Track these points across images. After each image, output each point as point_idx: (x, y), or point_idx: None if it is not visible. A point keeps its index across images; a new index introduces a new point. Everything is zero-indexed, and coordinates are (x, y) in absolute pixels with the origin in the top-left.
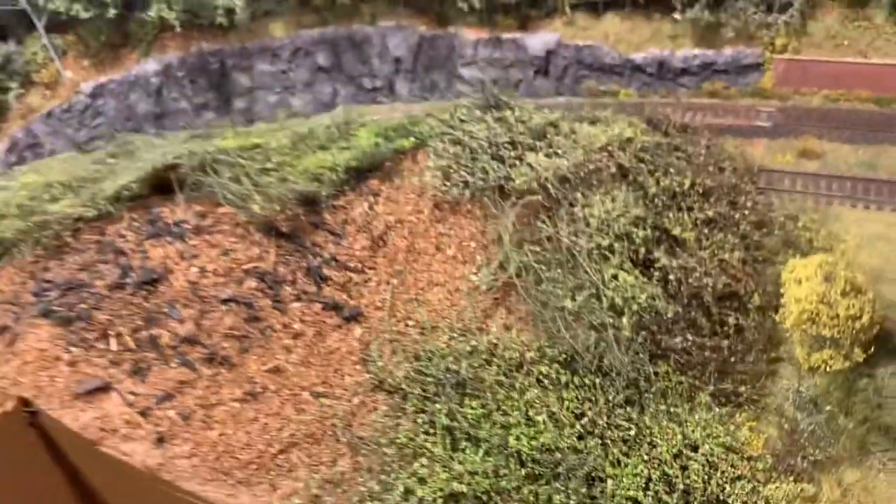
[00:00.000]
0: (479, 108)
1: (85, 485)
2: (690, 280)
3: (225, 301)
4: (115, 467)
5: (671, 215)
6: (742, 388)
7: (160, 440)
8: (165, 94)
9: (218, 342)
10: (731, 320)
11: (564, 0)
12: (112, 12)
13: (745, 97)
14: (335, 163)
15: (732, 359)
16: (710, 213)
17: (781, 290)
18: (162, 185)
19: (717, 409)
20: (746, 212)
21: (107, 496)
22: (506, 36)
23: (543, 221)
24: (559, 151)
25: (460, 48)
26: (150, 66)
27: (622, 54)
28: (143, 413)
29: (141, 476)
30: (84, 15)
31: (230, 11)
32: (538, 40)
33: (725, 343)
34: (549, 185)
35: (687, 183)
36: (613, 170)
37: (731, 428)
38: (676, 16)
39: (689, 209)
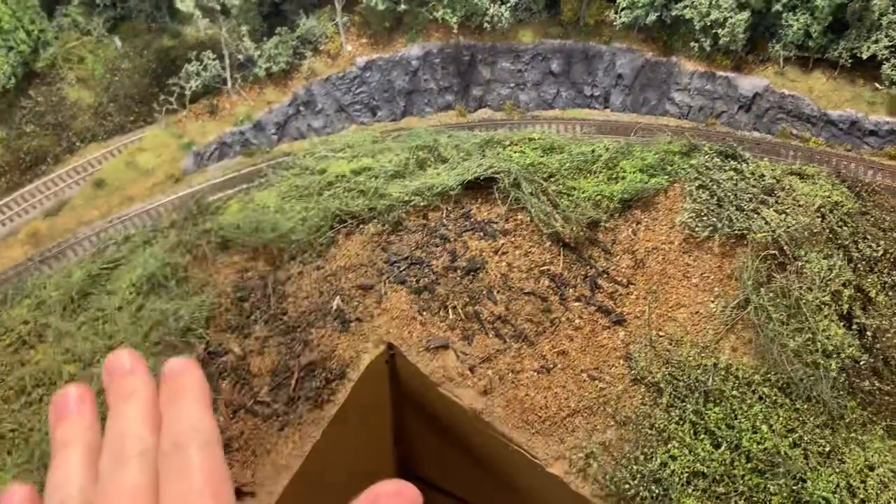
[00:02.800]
0: (717, 154)
1: (426, 411)
2: (883, 338)
3: (526, 293)
4: (451, 405)
5: (870, 279)
6: None
7: (484, 392)
8: (420, 75)
9: (521, 323)
10: None
11: (779, 53)
12: (402, 7)
13: None
14: (612, 193)
15: None
16: None
17: None
18: (470, 185)
19: (888, 441)
20: None
21: (444, 420)
22: (720, 73)
23: (777, 272)
24: (787, 210)
25: (677, 75)
26: (414, 50)
27: (820, 108)
28: (471, 369)
29: (465, 415)
30: (381, 7)
31: (497, 19)
32: (749, 82)
33: None
34: (782, 241)
35: (881, 251)
36: (827, 232)
37: None
38: (879, 85)
39: (880, 273)
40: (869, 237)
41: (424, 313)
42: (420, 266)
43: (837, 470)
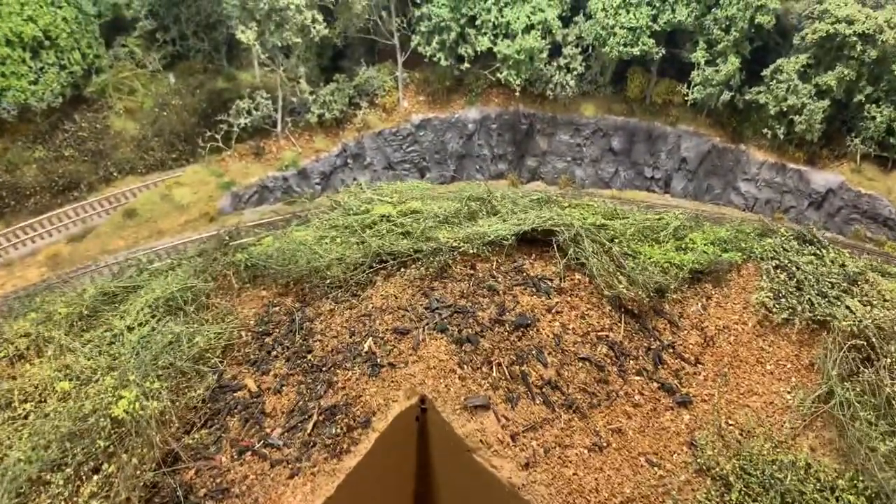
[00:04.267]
0: (794, 237)
1: (455, 481)
2: None
3: (581, 359)
4: (486, 477)
5: None
6: None
7: (527, 465)
8: (475, 140)
9: (573, 392)
10: None
11: (858, 148)
12: (465, 66)
13: None
14: (682, 262)
15: None
16: None
17: None
18: (523, 237)
19: None
20: None
21: (474, 494)
22: (792, 165)
23: (864, 366)
24: (873, 302)
25: (745, 164)
26: (472, 113)
27: None
28: (513, 437)
29: (501, 491)
30: (444, 63)
31: (560, 87)
32: (822, 178)
33: None
34: (870, 333)
35: None
36: None
37: None
38: None
39: None
40: None
41: (465, 367)
42: (464, 315)
43: None
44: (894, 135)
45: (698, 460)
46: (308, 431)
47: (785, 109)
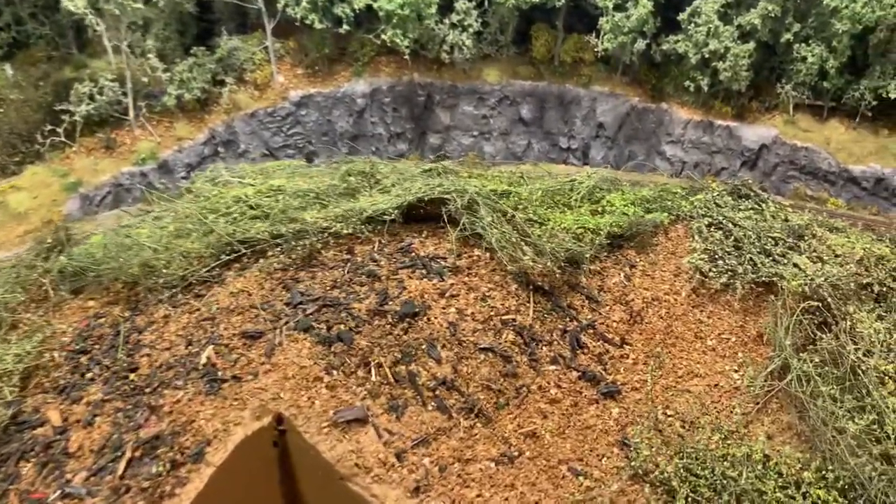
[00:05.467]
0: (729, 192)
1: None
2: None
3: (483, 350)
4: None
5: None
6: None
7: (416, 489)
8: (367, 117)
9: (474, 392)
10: None
11: (790, 96)
12: (345, 28)
13: None
14: (598, 226)
15: None
16: None
17: None
18: (412, 213)
19: None
20: None
21: None
22: (720, 122)
23: (823, 331)
24: (824, 258)
25: (669, 125)
26: (360, 86)
27: (840, 163)
28: (399, 456)
29: None
30: (318, 26)
31: (457, 49)
32: (753, 133)
33: None
34: (825, 293)
35: None
36: (878, 287)
37: None
38: None
39: None
40: None
41: (335, 372)
42: (335, 309)
43: None
44: (828, 78)
45: (633, 463)
46: (119, 474)
47: (707, 56)
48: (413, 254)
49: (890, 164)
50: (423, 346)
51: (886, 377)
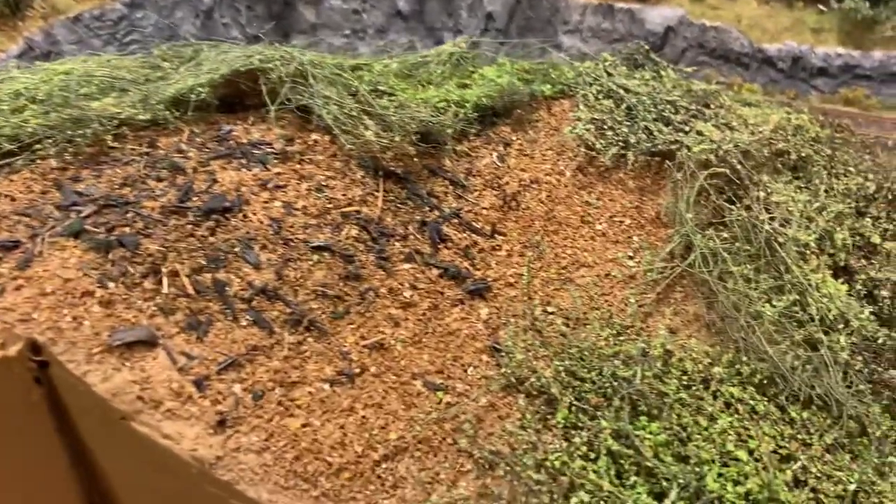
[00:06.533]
0: (622, 61)
1: (94, 475)
2: None
3: (316, 249)
4: (150, 455)
5: (866, 223)
6: None
7: (221, 423)
8: (216, 18)
9: (305, 300)
10: None
11: None
12: None
13: (888, 110)
14: (464, 98)
15: None
16: None
17: None
18: (236, 97)
19: None
20: None
21: (124, 494)
22: (621, 5)
23: (732, 202)
24: (733, 126)
25: (565, 12)
26: None
27: (753, 43)
28: (199, 384)
29: (186, 471)
30: None
31: None
32: (658, 14)
33: None
34: (733, 160)
35: (872, 187)
36: (795, 156)
37: None
38: (823, 7)
39: (877, 218)
40: (853, 170)
41: (112, 285)
42: (120, 210)
43: None
44: None
45: (504, 371)
46: None
47: None
48: (232, 142)
49: (807, 39)
50: (237, 249)
51: (808, 251)
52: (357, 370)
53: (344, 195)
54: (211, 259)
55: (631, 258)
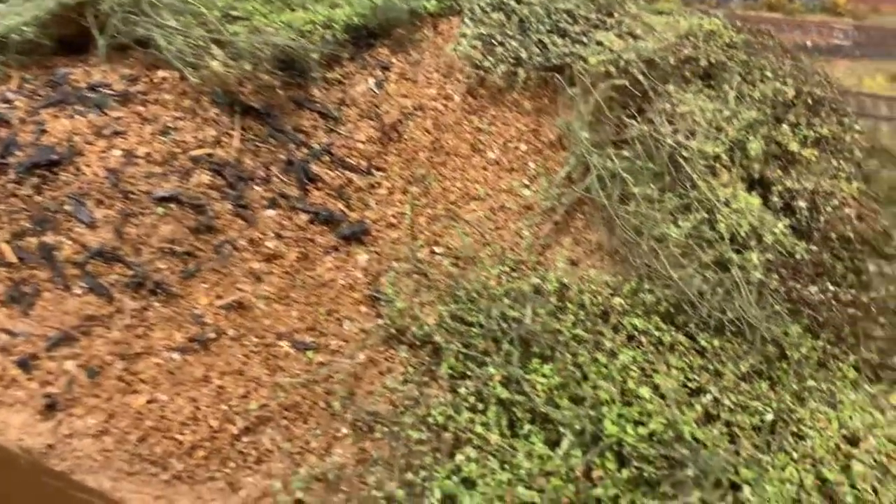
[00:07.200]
0: None
1: None
2: (827, 209)
3: (161, 200)
4: None
5: (783, 128)
6: (895, 360)
7: (51, 407)
8: None
9: (149, 260)
10: (872, 267)
11: None
12: None
13: (811, 13)
14: (333, 19)
15: (882, 319)
16: (824, 131)
17: None
18: (78, 36)
19: (866, 388)
20: (856, 134)
21: None
22: None
23: (634, 118)
24: (637, 34)
25: None
26: None
27: None
28: (25, 364)
29: (16, 464)
30: None
31: None
32: None
33: (866, 297)
34: (635, 71)
35: (791, 92)
36: (706, 63)
37: (891, 416)
38: None
39: (796, 125)
40: (771, 76)
41: None
42: None
43: (796, 455)
44: None
45: (384, 323)
46: None
47: None
48: (67, 86)
49: None
50: (67, 207)
51: (719, 164)
52: (212, 335)
53: (194, 137)
54: (36, 221)
55: (527, 187)
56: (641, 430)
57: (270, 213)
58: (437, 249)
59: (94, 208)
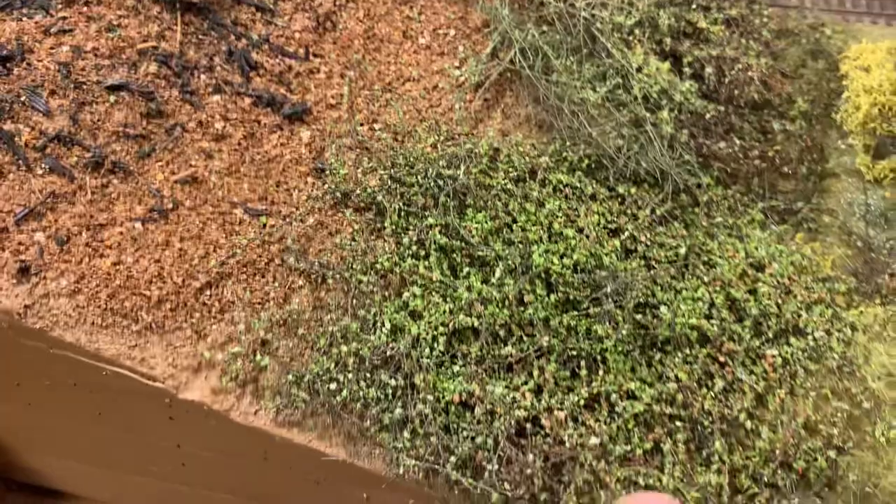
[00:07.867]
0: None
1: None
2: (732, 73)
3: (112, 88)
4: None
5: (692, 7)
6: (799, 205)
7: (24, 271)
8: None
9: (106, 143)
10: (777, 126)
11: None
12: None
13: None
14: None
15: (785, 169)
16: (734, 13)
17: (843, 84)
18: None
19: (773, 228)
20: (765, 18)
21: None
22: None
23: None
24: None
25: None
26: None
27: None
28: None
29: None
30: None
31: None
32: None
33: (772, 152)
34: None
35: None
36: None
37: (793, 248)
38: None
39: (707, 8)
40: None
41: None
42: None
43: (707, 279)
44: None
45: (328, 189)
46: None
47: None
48: None
49: None
50: (23, 98)
51: (633, 38)
52: (170, 206)
53: (139, 32)
54: None
55: (458, 69)
56: (566, 261)
57: (216, 98)
58: (376, 126)
59: (48, 98)
